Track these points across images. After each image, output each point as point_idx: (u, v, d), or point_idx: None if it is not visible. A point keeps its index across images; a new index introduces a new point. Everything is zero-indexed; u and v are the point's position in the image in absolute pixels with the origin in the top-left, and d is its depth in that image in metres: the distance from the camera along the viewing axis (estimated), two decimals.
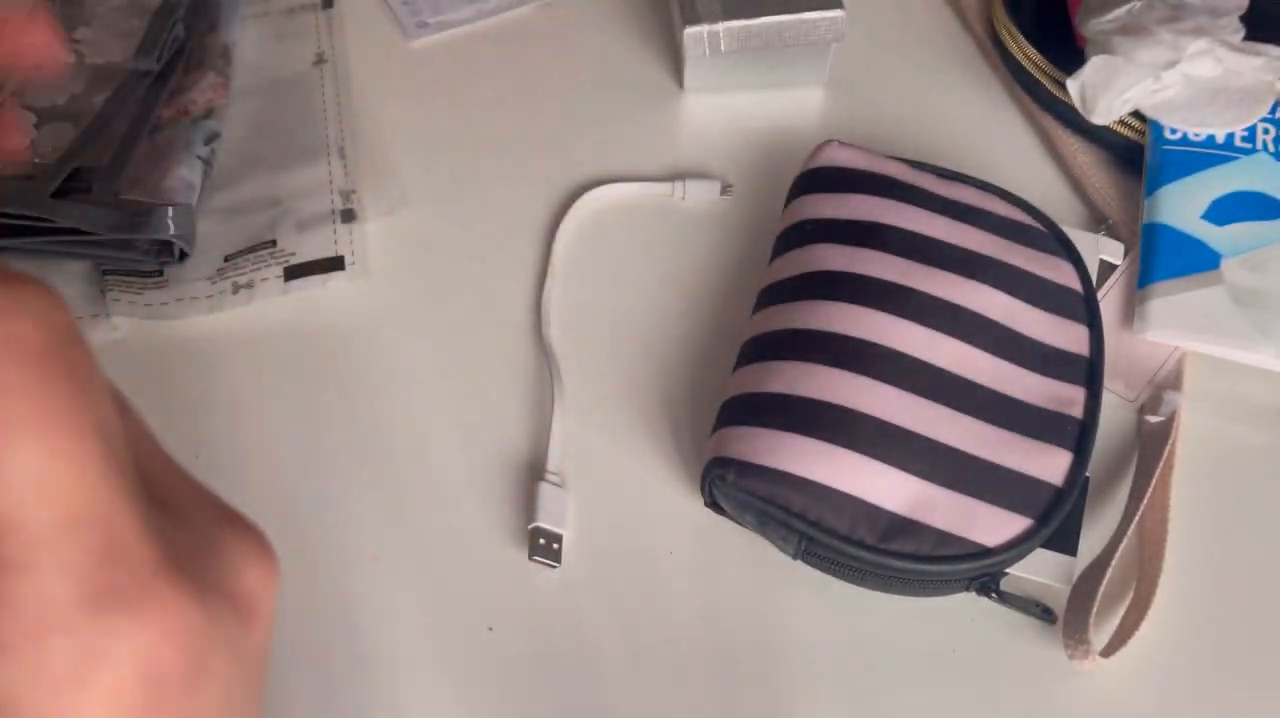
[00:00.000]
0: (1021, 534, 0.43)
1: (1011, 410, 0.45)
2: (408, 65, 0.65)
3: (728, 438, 0.45)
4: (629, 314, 0.54)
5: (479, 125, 0.62)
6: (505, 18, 0.67)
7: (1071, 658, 0.43)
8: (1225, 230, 0.53)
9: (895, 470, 0.43)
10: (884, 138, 0.61)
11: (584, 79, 0.64)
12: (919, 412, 0.44)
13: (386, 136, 0.61)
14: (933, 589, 0.44)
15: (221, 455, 0.50)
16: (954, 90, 0.63)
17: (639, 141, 0.61)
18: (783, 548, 0.45)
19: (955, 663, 0.44)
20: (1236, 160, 0.55)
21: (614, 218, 0.58)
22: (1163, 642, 0.44)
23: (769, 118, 0.62)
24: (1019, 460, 0.44)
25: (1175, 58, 0.54)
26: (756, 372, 0.47)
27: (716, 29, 0.59)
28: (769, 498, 0.43)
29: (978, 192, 0.52)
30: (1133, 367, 0.51)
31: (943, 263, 0.48)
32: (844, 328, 0.46)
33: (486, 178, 0.59)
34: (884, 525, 0.43)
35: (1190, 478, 0.48)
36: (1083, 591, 0.44)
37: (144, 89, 0.57)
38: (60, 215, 0.51)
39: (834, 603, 0.46)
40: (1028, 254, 0.50)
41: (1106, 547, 0.45)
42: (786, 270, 0.50)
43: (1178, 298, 0.51)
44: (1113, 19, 0.57)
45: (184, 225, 0.52)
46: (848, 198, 0.51)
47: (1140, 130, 0.57)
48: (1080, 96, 0.56)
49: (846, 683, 0.44)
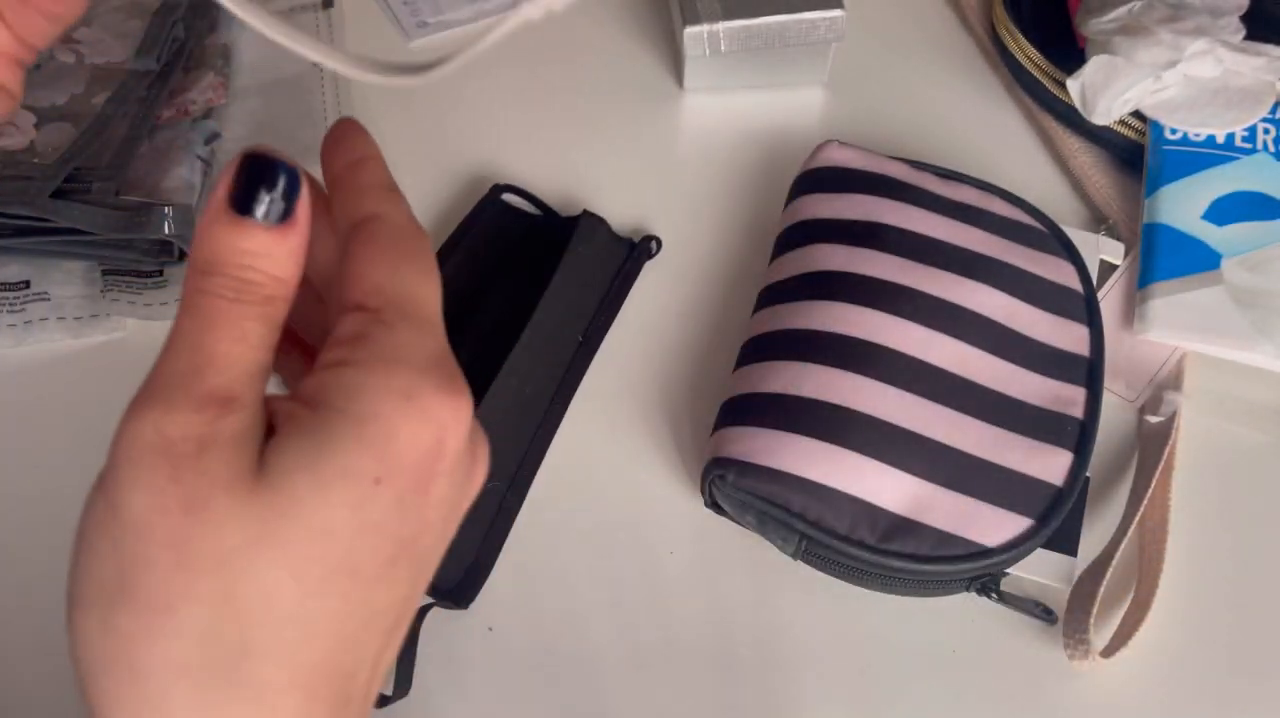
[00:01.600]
0: (1022, 534, 0.43)
1: (1012, 410, 0.45)
2: None
3: (728, 438, 0.45)
4: (628, 314, 0.54)
5: (479, 126, 0.62)
6: (505, 18, 0.67)
7: (1072, 659, 0.43)
8: (1225, 230, 0.53)
9: (895, 470, 0.43)
10: (884, 138, 0.61)
11: (584, 79, 0.64)
12: (919, 412, 0.44)
13: (386, 137, 0.61)
14: (933, 590, 0.44)
15: None
16: (954, 90, 0.63)
17: (640, 141, 0.61)
18: (783, 548, 0.45)
19: (955, 664, 0.44)
20: (1237, 160, 0.55)
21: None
22: (1163, 642, 0.44)
23: (769, 118, 0.62)
24: (1019, 460, 0.44)
25: (1175, 58, 0.54)
26: (757, 372, 0.47)
27: (717, 29, 0.59)
28: (769, 498, 0.43)
29: (978, 191, 0.52)
30: (1133, 367, 0.51)
31: (943, 263, 0.48)
32: (844, 328, 0.46)
33: (486, 178, 0.59)
34: (884, 526, 0.42)
35: (1191, 478, 0.48)
36: (1083, 591, 0.44)
37: (144, 89, 0.57)
38: (60, 215, 0.51)
39: (834, 603, 0.46)
40: (1028, 254, 0.49)
41: (1107, 547, 0.45)
42: (787, 270, 0.50)
43: (1178, 298, 0.51)
44: (1113, 19, 0.57)
45: (183, 225, 0.52)
46: (848, 198, 0.51)
47: (1140, 130, 0.57)
48: (1080, 96, 0.56)
49: (846, 683, 0.44)
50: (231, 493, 0.21)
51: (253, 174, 0.23)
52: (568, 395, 0.51)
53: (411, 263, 0.25)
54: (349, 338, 0.23)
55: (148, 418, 0.22)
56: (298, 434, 0.22)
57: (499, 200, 0.57)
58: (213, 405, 0.22)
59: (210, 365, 0.22)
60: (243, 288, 0.23)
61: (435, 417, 0.23)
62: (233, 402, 0.22)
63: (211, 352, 0.22)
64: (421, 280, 0.25)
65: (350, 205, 0.26)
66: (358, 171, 0.26)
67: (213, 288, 0.23)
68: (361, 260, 0.24)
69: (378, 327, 0.23)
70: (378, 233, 0.25)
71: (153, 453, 0.21)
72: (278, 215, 0.23)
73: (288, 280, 0.24)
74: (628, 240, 0.56)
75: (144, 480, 0.21)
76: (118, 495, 0.21)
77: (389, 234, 0.25)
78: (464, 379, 0.24)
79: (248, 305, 0.23)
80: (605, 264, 0.55)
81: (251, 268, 0.23)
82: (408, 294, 0.24)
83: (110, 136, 0.54)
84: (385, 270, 0.24)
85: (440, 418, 0.23)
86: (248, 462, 0.22)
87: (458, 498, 0.25)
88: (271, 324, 0.23)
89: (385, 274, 0.24)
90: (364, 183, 0.26)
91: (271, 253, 0.23)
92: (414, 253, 0.25)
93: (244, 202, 0.23)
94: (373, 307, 0.24)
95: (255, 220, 0.23)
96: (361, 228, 0.25)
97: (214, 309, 0.23)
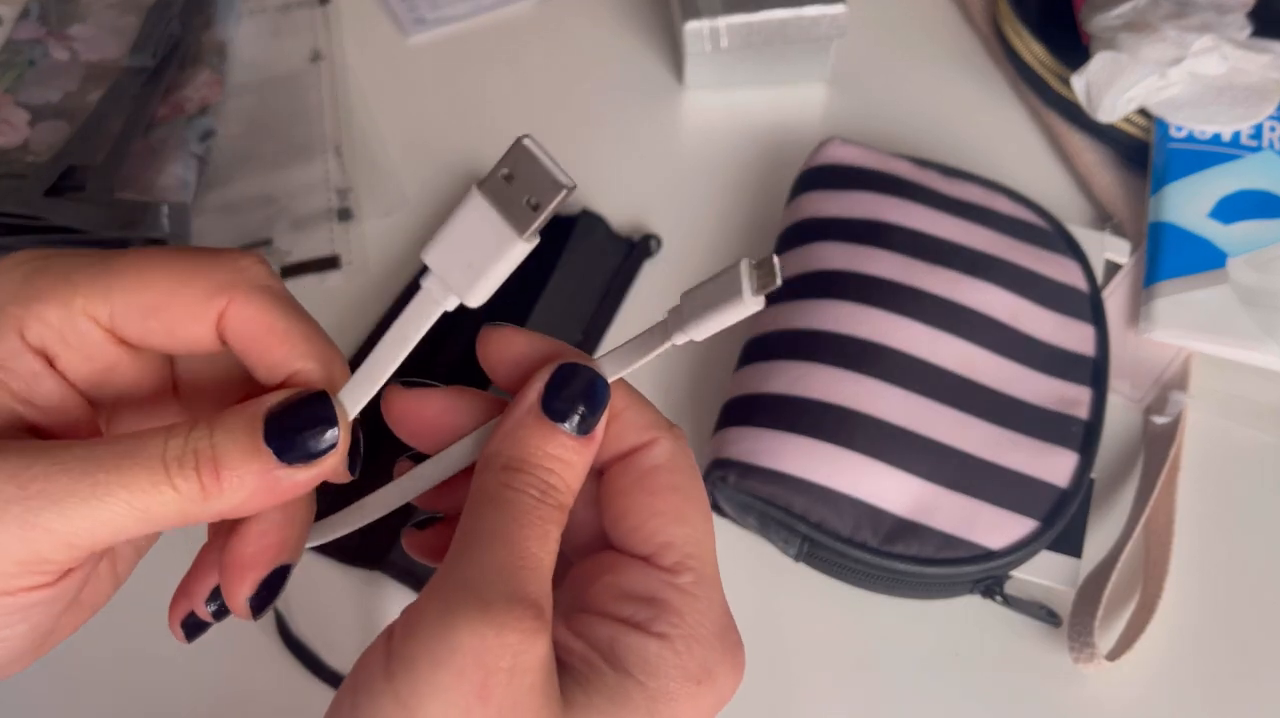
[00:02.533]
0: (1026, 536, 0.42)
1: (1016, 411, 0.45)
2: (405, 62, 0.64)
3: (729, 439, 0.44)
4: (628, 313, 0.54)
5: (478, 123, 0.61)
6: (503, 13, 0.67)
7: (1076, 661, 0.43)
8: (1231, 229, 0.52)
9: (898, 472, 0.42)
10: (887, 135, 0.60)
11: (583, 75, 0.63)
12: (922, 412, 0.44)
13: (384, 134, 0.60)
14: (936, 592, 0.44)
15: None
16: (958, 87, 0.63)
17: (639, 139, 0.60)
18: (785, 550, 0.45)
19: (959, 667, 0.44)
20: (1242, 158, 0.54)
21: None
22: (1169, 645, 0.44)
23: (770, 114, 0.61)
24: (1023, 461, 0.43)
25: (1181, 55, 0.54)
26: (758, 372, 0.46)
27: (717, 24, 0.58)
28: (771, 500, 0.43)
29: (983, 190, 0.52)
30: (1138, 367, 0.51)
31: (947, 262, 0.47)
32: (847, 328, 0.45)
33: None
34: (887, 528, 0.42)
35: (1196, 479, 0.48)
36: (1088, 593, 0.43)
37: (139, 86, 0.56)
38: (54, 214, 0.50)
39: (836, 606, 0.45)
40: (1033, 253, 0.49)
41: (1112, 549, 0.45)
42: (789, 269, 0.49)
43: (1184, 297, 0.51)
44: (1118, 15, 0.56)
45: (179, 224, 0.52)
46: (851, 196, 0.51)
47: (1146, 128, 0.56)
48: (1085, 94, 0.56)
49: (849, 686, 0.43)
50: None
51: (565, 383, 0.23)
52: None
53: (697, 508, 0.24)
54: (644, 597, 0.23)
55: (461, 616, 0.20)
56: (602, 694, 0.22)
57: None
58: (530, 617, 0.21)
59: (525, 567, 0.21)
60: (548, 491, 0.23)
61: (720, 689, 0.23)
62: (544, 614, 0.21)
63: (524, 550, 0.22)
64: (707, 531, 0.24)
65: (619, 437, 0.25)
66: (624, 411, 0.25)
67: (521, 485, 0.22)
68: (646, 513, 0.24)
69: (675, 593, 0.23)
70: (658, 476, 0.24)
71: (463, 660, 0.20)
72: (584, 427, 0.23)
73: (577, 492, 0.24)
74: (627, 239, 0.56)
75: (450, 690, 0.20)
76: (414, 698, 0.20)
77: (670, 476, 0.24)
78: (739, 636, 0.24)
79: (551, 508, 0.23)
80: (604, 263, 0.54)
81: (555, 472, 0.23)
82: (697, 552, 0.24)
83: (105, 134, 0.54)
84: (672, 521, 0.24)
85: (723, 690, 0.24)
86: (555, 693, 0.21)
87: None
88: (560, 536, 0.23)
89: (674, 527, 0.24)
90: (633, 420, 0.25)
91: (574, 463, 0.23)
92: (697, 497, 0.25)
93: (555, 408, 0.23)
94: (666, 565, 0.24)
95: (564, 429, 0.23)
96: (636, 468, 0.24)
97: (525, 506, 0.22)
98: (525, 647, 0.20)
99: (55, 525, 0.20)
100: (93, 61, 0.57)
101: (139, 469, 0.20)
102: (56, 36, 0.60)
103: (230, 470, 0.21)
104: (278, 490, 0.22)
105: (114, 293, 0.22)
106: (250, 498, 0.21)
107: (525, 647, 0.20)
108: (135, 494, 0.20)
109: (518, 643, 0.20)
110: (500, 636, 0.20)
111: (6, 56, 0.59)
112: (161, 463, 0.20)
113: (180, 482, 0.20)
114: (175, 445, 0.21)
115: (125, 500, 0.20)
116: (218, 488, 0.21)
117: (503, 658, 0.20)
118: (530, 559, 0.22)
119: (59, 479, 0.20)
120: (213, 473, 0.21)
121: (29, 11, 0.61)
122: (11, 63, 0.59)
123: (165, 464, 0.20)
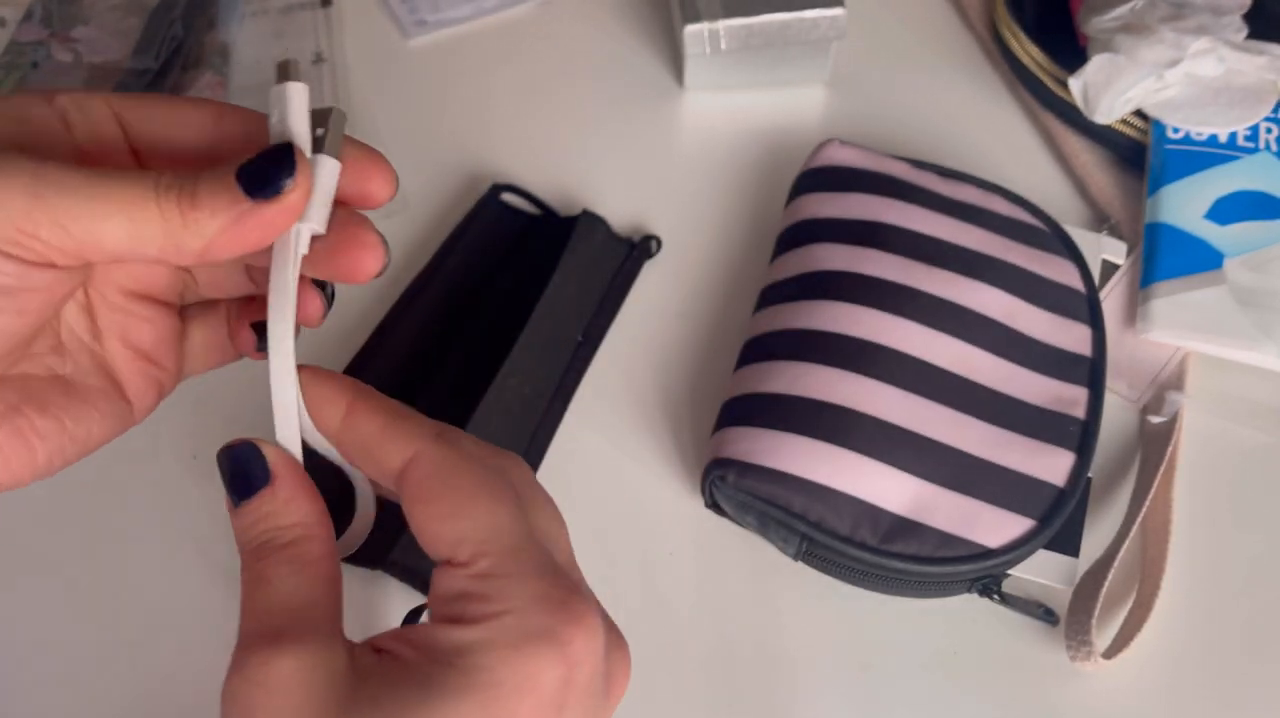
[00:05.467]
0: (1023, 535, 0.42)
1: (1013, 411, 0.45)
2: (407, 64, 0.64)
3: (728, 438, 0.45)
4: (628, 314, 0.54)
5: (478, 125, 0.61)
6: (504, 16, 0.67)
7: (1074, 660, 0.43)
8: (1228, 230, 0.52)
9: (896, 471, 0.43)
10: (885, 137, 0.60)
11: (583, 77, 0.64)
12: (920, 412, 0.44)
13: (385, 136, 0.61)
14: (934, 591, 0.44)
15: None
16: (955, 89, 0.63)
17: (640, 140, 0.61)
18: (783, 549, 0.45)
19: (957, 665, 0.44)
20: (1239, 160, 0.54)
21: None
22: (1166, 644, 0.44)
23: (770, 116, 0.62)
24: (1021, 461, 0.44)
25: (1178, 56, 0.54)
26: (757, 372, 0.46)
27: (717, 27, 0.58)
28: (770, 499, 0.43)
29: (980, 191, 0.52)
30: (1135, 367, 0.51)
31: (944, 262, 0.48)
32: (845, 328, 0.46)
33: (485, 176, 0.59)
34: (885, 527, 0.42)
35: (1193, 479, 0.48)
36: (1085, 592, 0.44)
37: (142, 88, 0.56)
38: None
39: (835, 605, 0.45)
40: (1030, 254, 0.49)
41: (1109, 548, 0.45)
42: (788, 270, 0.50)
43: (1180, 298, 0.51)
44: (1115, 17, 0.57)
45: None
46: (849, 197, 0.51)
47: (1143, 129, 0.56)
48: (1082, 95, 0.56)
49: (847, 685, 0.44)
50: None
51: (230, 464, 0.27)
52: (567, 395, 0.51)
53: (479, 497, 0.26)
54: (454, 596, 0.25)
55: (232, 668, 0.25)
56: (410, 686, 0.24)
57: (498, 199, 0.57)
58: (262, 644, 0.24)
59: (259, 610, 0.26)
60: (261, 549, 0.27)
61: (565, 648, 0.24)
62: (282, 634, 0.25)
63: (263, 597, 0.26)
64: (497, 511, 0.26)
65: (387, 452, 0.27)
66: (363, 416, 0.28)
67: (248, 562, 0.27)
68: (433, 521, 0.26)
69: (475, 582, 0.25)
70: (429, 485, 0.26)
71: (231, 706, 0.24)
72: (257, 487, 0.27)
73: (300, 522, 0.27)
74: (627, 240, 0.56)
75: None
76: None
77: (441, 480, 0.26)
78: (570, 594, 0.25)
79: (269, 557, 0.26)
80: (605, 263, 0.54)
81: (266, 530, 0.27)
82: (490, 536, 0.25)
83: None
84: (455, 519, 0.26)
85: (569, 647, 0.24)
86: (338, 697, 0.24)
87: (594, 713, 0.26)
88: (301, 562, 0.26)
89: (458, 523, 0.26)
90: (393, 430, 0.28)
91: (271, 512, 0.27)
92: (476, 485, 0.26)
93: (236, 488, 0.27)
94: (463, 560, 0.25)
95: (248, 500, 0.27)
96: (412, 485, 0.27)
97: (254, 571, 0.26)
98: (265, 665, 0.24)
99: (56, 202, 0.23)
100: (96, 63, 0.58)
101: (135, 189, 0.24)
102: (59, 38, 0.60)
103: (206, 198, 0.24)
104: (247, 226, 0.25)
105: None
106: (223, 230, 0.25)
107: (265, 665, 0.24)
108: (126, 208, 0.24)
109: (256, 669, 0.24)
110: (241, 673, 0.24)
111: (10, 58, 0.60)
112: (154, 189, 0.24)
113: (165, 205, 0.24)
114: (166, 179, 0.25)
115: (119, 209, 0.24)
116: (194, 214, 0.24)
117: (254, 695, 0.24)
118: (261, 603, 0.26)
119: (71, 177, 0.24)
120: (190, 201, 0.24)
121: (32, 13, 0.62)
122: (15, 64, 0.59)
123: (156, 191, 0.24)
